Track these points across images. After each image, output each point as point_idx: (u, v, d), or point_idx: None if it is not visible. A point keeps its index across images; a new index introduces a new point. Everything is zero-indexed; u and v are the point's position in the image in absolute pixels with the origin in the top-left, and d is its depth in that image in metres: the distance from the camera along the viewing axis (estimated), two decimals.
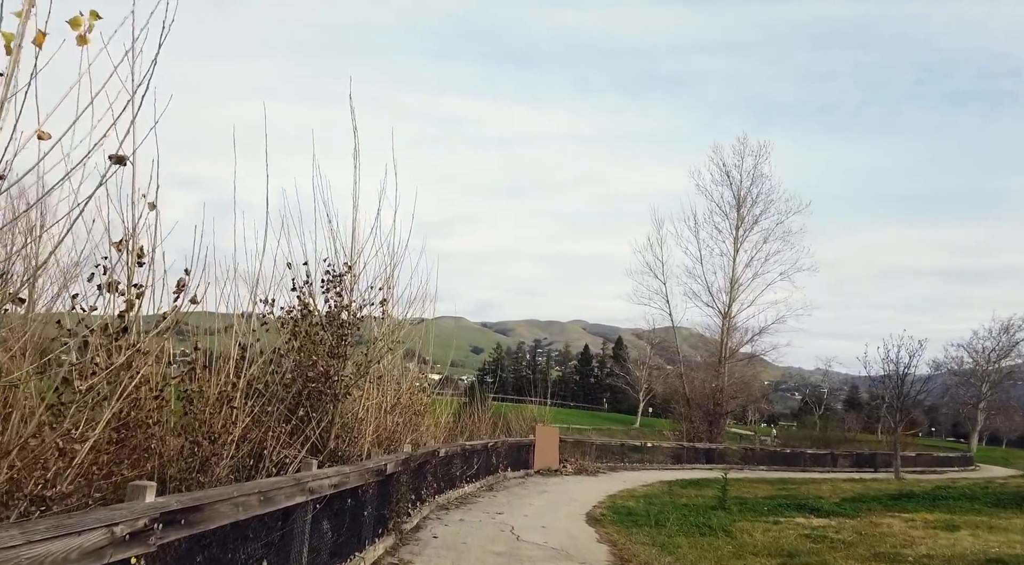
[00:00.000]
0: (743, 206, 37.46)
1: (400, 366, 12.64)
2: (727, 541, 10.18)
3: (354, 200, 7.04)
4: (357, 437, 7.62)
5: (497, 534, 10.12)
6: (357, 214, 7.09)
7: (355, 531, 7.23)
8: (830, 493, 19.47)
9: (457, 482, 14.12)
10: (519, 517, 12.00)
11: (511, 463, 19.23)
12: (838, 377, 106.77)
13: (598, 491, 17.34)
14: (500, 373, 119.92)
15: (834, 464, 37.01)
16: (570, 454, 24.27)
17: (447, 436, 15.68)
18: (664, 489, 19.40)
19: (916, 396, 30.52)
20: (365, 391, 7.93)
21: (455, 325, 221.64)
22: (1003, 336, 69.23)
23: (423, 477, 11.21)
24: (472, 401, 22.20)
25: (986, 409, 72.52)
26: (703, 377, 37.36)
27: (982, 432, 77.81)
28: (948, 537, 10.50)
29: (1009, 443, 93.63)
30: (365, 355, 7.38)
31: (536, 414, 25.49)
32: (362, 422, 8.05)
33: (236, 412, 5.53)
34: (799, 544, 9.98)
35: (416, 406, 13.15)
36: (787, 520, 12.93)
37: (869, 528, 11.61)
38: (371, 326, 7.99)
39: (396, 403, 11.37)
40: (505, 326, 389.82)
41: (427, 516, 11.04)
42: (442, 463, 12.84)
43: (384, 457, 8.05)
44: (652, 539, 10.14)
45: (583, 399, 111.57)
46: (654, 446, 30.16)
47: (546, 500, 14.91)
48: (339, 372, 6.83)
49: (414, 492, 10.49)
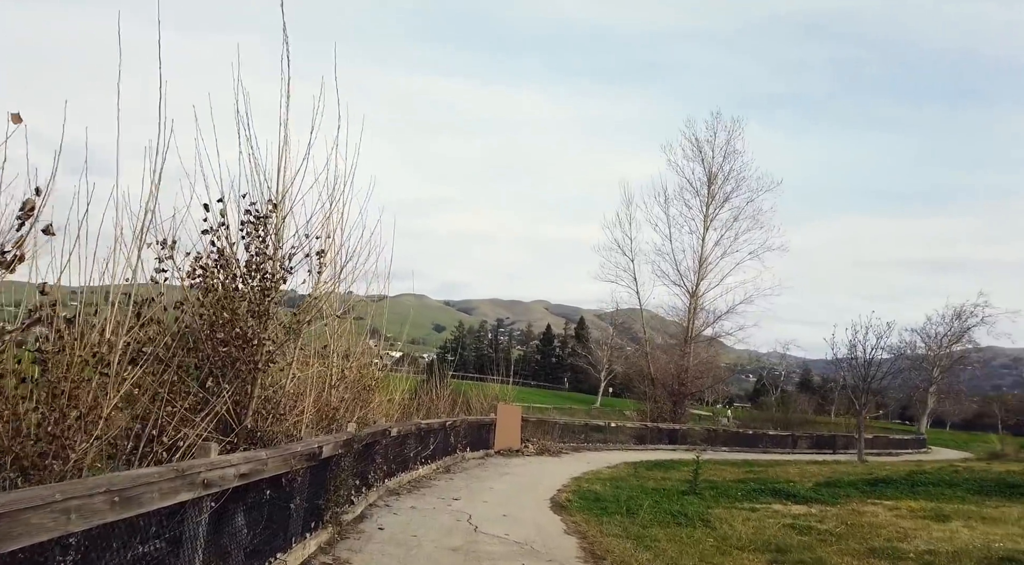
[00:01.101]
0: (714, 183, 36.70)
1: (349, 337, 11.37)
2: (707, 533, 9.22)
3: (281, 121, 5.68)
4: (284, 414, 6.33)
5: (453, 525, 8.97)
6: (286, 132, 5.71)
7: (279, 527, 5.98)
8: (799, 476, 18.86)
9: (411, 464, 12.93)
10: (478, 504, 10.88)
11: (471, 443, 18.13)
12: (793, 360, 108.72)
13: (562, 473, 16.35)
14: (462, 351, 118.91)
15: (794, 446, 36.95)
16: (532, 434, 23.31)
17: (401, 414, 14.44)
18: (630, 471, 18.54)
19: (881, 379, 30.36)
20: (296, 360, 6.63)
21: (417, 303, 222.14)
22: (955, 322, 70.58)
23: (370, 459, 9.98)
24: (431, 378, 20.97)
25: (936, 393, 74.21)
26: (668, 357, 36.75)
27: (929, 415, 79.81)
28: (942, 529, 9.74)
29: (953, 426, 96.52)
30: (295, 315, 6.08)
31: (498, 392, 24.39)
32: (292, 396, 6.77)
33: (111, 380, 4.20)
34: (785, 536, 9.07)
35: (366, 381, 11.92)
36: (764, 507, 12.09)
37: (854, 517, 10.81)
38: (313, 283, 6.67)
39: (341, 377, 10.10)
40: (468, 305, 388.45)
41: (374, 503, 9.83)
42: (394, 443, 11.63)
43: (319, 438, 6.79)
44: (625, 530, 9.12)
45: (544, 378, 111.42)
46: (617, 426, 29.43)
47: (508, 484, 13.84)
48: (260, 335, 5.53)
49: (359, 477, 9.26)
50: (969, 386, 78.82)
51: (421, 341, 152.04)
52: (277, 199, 5.83)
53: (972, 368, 74.18)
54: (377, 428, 10.22)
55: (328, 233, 6.48)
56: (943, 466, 21.75)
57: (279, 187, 5.81)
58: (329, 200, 6.29)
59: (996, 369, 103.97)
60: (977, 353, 73.24)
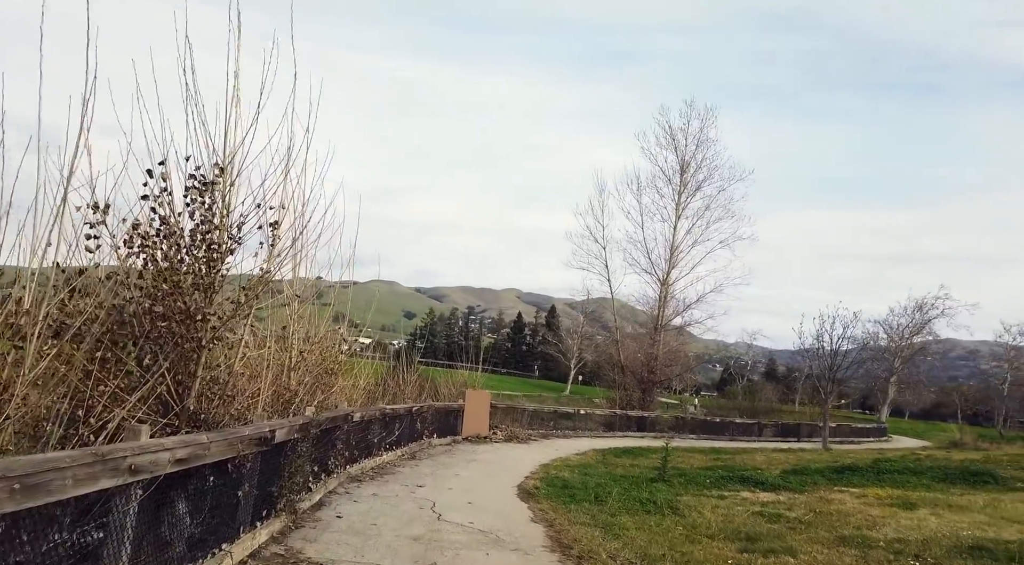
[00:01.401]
0: (687, 171, 36.65)
1: (311, 318, 10.95)
2: (676, 520, 9.03)
3: (230, 74, 5.19)
4: (232, 396, 5.91)
5: (415, 513, 8.63)
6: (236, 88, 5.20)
7: (226, 515, 5.59)
8: (766, 464, 18.93)
9: (375, 450, 12.56)
10: (443, 491, 10.56)
11: (438, 429, 17.79)
12: (758, 350, 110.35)
13: (530, 460, 16.13)
14: (432, 338, 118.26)
15: (760, 434, 37.37)
16: (501, 420, 23.06)
17: (366, 399, 14.06)
18: (599, 458, 18.42)
19: (847, 369, 30.74)
20: (246, 338, 6.19)
21: (388, 289, 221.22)
22: (917, 313, 72.05)
23: (331, 445, 9.59)
24: (399, 364, 20.53)
25: (896, 383, 75.82)
26: (638, 345, 36.78)
27: (888, 405, 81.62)
28: (909, 517, 9.70)
29: (911, 415, 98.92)
30: (244, 290, 5.63)
31: (467, 379, 24.09)
32: (246, 378, 6.36)
33: (28, 355, 3.76)
34: (754, 524, 8.94)
35: (328, 364, 11.50)
36: (732, 494, 11.99)
37: (821, 504, 10.75)
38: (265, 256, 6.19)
39: (301, 359, 9.67)
40: (439, 292, 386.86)
41: (334, 490, 9.45)
42: (357, 429, 11.24)
43: (272, 422, 6.39)
44: (593, 518, 8.89)
45: (515, 366, 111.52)
46: (587, 413, 29.35)
47: (474, 470, 13.55)
48: (205, 310, 5.09)
49: (317, 463, 8.87)
50: (927, 377, 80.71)
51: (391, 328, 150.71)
52: (224, 163, 5.37)
53: (931, 359, 76.02)
54: (338, 413, 9.83)
55: (283, 203, 6.04)
56: (905, 454, 22.07)
57: (226, 149, 5.36)
58: (284, 165, 5.84)
59: (953, 361, 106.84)
60: (937, 344, 75.03)
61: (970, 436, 32.75)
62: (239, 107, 5.32)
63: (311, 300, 10.97)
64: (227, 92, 5.25)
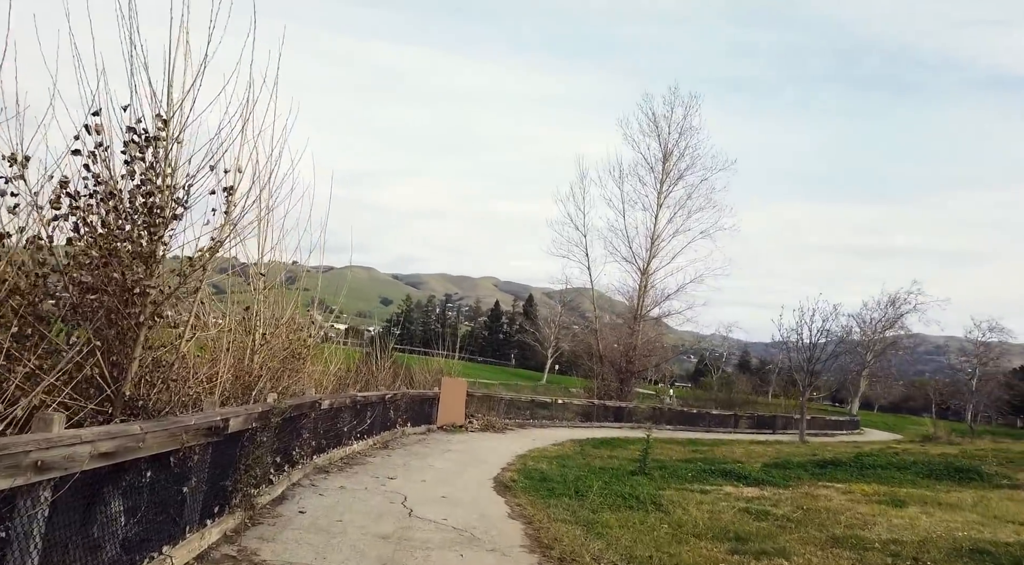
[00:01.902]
0: (669, 160, 36.18)
1: (278, 298, 10.31)
2: (660, 518, 8.59)
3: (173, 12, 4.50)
4: (178, 381, 5.29)
5: (385, 508, 8.07)
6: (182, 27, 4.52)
7: (169, 514, 4.99)
8: (746, 457, 18.69)
9: (345, 439, 11.96)
10: (415, 483, 10.02)
11: (412, 418, 17.22)
12: (733, 342, 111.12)
13: (507, 451, 15.64)
14: (408, 325, 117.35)
15: (736, 425, 37.36)
16: (477, 409, 22.55)
17: (337, 386, 13.43)
18: (577, 449, 17.98)
19: (825, 361, 30.70)
20: (192, 315, 5.54)
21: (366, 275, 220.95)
22: (889, 308, 72.83)
23: (296, 434, 8.98)
24: (373, 350, 19.87)
25: (868, 376, 76.71)
26: (616, 335, 36.44)
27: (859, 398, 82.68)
28: (899, 515, 9.36)
29: (880, 408, 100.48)
30: (188, 259, 4.98)
31: (443, 366, 23.50)
32: (198, 361, 5.73)
33: None
34: (742, 523, 8.52)
35: (296, 348, 10.88)
36: (715, 489, 11.61)
37: (808, 501, 10.40)
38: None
39: (264, 342, 9.04)
40: (417, 279, 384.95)
41: (298, 482, 8.85)
42: (325, 417, 10.64)
43: (225, 410, 5.77)
44: (574, 514, 8.40)
45: (491, 354, 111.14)
46: (564, 403, 28.96)
47: (449, 461, 13.01)
48: (145, 283, 4.46)
49: (280, 453, 8.27)
50: (897, 371, 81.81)
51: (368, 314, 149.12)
52: (168, 114, 4.72)
53: (902, 353, 77.03)
54: (304, 400, 9.21)
55: (239, 166, 5.38)
56: (883, 448, 21.99)
57: (170, 98, 4.69)
58: (240, 120, 5.18)
59: (921, 356, 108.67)
60: (908, 339, 76.00)
61: (943, 430, 33.00)
62: (188, 50, 4.65)
63: (278, 280, 10.33)
64: (171, 31, 4.58)
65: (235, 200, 5.21)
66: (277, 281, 10.34)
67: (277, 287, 10.10)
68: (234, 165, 5.27)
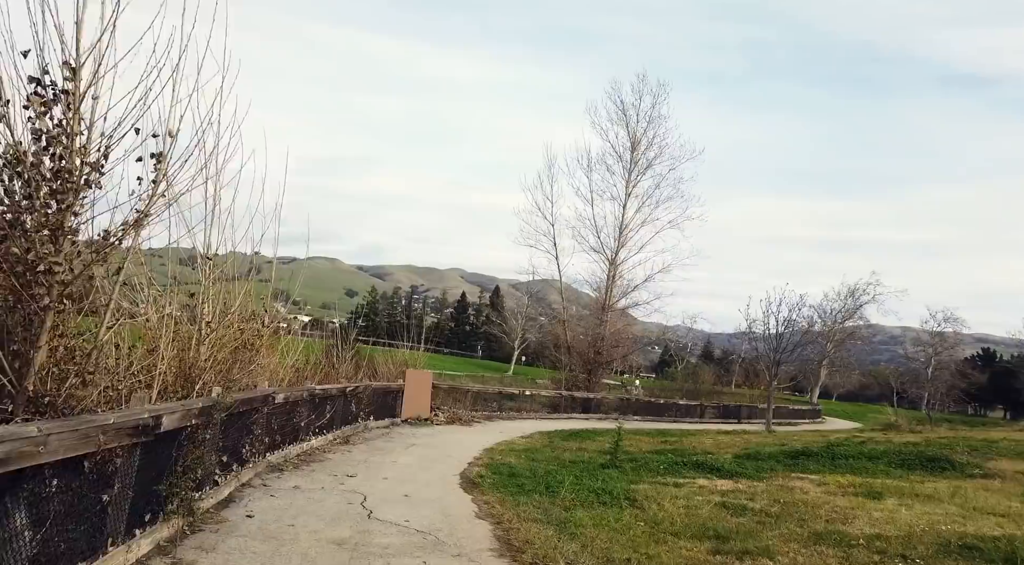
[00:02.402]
0: (637, 149, 35.89)
1: (227, 284, 9.61)
2: (636, 514, 8.18)
3: None
4: (99, 374, 4.64)
5: (342, 509, 7.49)
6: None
7: (87, 527, 4.35)
8: (715, 447, 18.49)
9: (302, 435, 11.30)
10: (377, 481, 9.45)
11: (375, 411, 16.59)
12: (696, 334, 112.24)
13: (474, 444, 15.13)
14: (373, 317, 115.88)
15: (702, 415, 37.46)
16: (443, 401, 21.99)
17: (295, 379, 12.74)
18: (545, 442, 17.56)
19: (791, 351, 30.84)
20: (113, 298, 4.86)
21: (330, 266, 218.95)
22: (849, 299, 74.18)
23: (246, 431, 8.33)
24: (335, 342, 19.11)
25: (828, 366, 78.15)
26: (584, 326, 36.17)
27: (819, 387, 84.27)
28: (878, 508, 9.11)
29: (838, 397, 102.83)
30: (104, 232, 4.31)
31: (408, 358, 22.83)
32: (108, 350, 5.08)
33: None
34: (720, 519, 8.16)
35: (248, 339, 10.20)
36: (688, 482, 11.27)
37: (783, 493, 10.11)
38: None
39: (210, 332, 8.35)
40: (382, 270, 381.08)
41: (248, 483, 8.20)
42: (280, 411, 9.97)
43: (156, 406, 5.13)
44: (546, 513, 7.93)
45: (458, 346, 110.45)
46: (532, 395, 28.56)
47: (414, 456, 12.45)
48: (51, 259, 3.81)
49: (228, 452, 7.61)
50: (856, 361, 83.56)
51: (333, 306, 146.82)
52: (77, 62, 4.04)
53: (860, 343, 78.67)
54: (255, 394, 8.57)
55: (170, 129, 4.71)
56: (849, 437, 22.07)
57: (78, 44, 4.00)
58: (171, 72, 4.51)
59: (876, 345, 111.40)
60: (867, 329, 77.63)
61: (904, 419, 33.51)
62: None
63: (230, 264, 9.63)
64: None
65: (164, 169, 4.54)
66: (228, 265, 9.65)
67: (228, 270, 9.41)
68: (164, 128, 4.61)
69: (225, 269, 9.96)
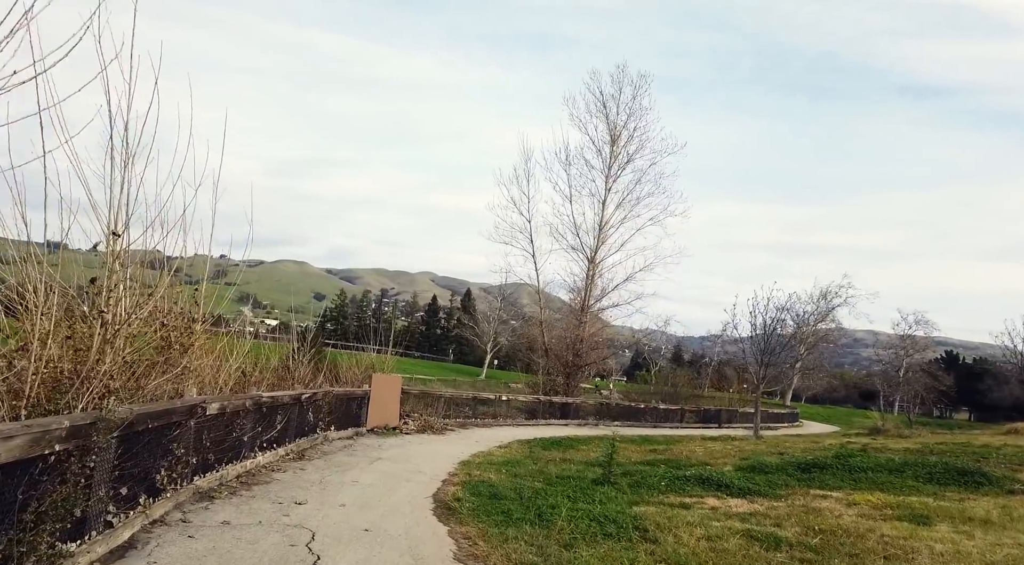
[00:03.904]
0: (618, 142, 34.47)
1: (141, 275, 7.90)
2: (650, 551, 6.63)
3: None
4: None
5: (281, 554, 5.78)
6: None
7: None
8: (708, 457, 17.08)
9: (245, 451, 9.53)
10: (331, 509, 7.75)
11: (337, 420, 14.83)
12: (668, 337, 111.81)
13: (448, 457, 13.48)
14: (343, 321, 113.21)
15: (682, 420, 36.20)
16: (413, 408, 20.28)
17: (238, 384, 10.95)
18: (525, 452, 15.97)
19: (780, 353, 29.69)
20: None
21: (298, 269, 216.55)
22: (821, 301, 74.01)
23: (162, 451, 6.56)
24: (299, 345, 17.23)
25: (801, 369, 77.96)
26: (563, 327, 34.65)
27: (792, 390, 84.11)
28: (934, 537, 7.67)
29: (807, 400, 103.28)
30: None
31: (375, 362, 21.05)
32: None
33: None
34: (751, 555, 6.66)
35: (176, 335, 8.48)
36: (696, 501, 9.78)
37: (813, 517, 8.65)
38: None
39: (116, 330, 6.60)
40: (352, 274, 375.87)
41: (162, 518, 6.43)
42: (214, 425, 8.21)
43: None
44: (541, 552, 6.34)
45: (429, 349, 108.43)
46: (508, 400, 26.93)
47: (378, 474, 10.76)
48: None
49: (133, 480, 5.85)
50: (828, 363, 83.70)
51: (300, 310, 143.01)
52: None
53: (832, 346, 78.69)
54: (175, 405, 6.81)
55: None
56: (844, 443, 20.86)
57: None
58: None
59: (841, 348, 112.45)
60: (839, 332, 77.67)
61: (891, 423, 32.64)
62: None
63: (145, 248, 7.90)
64: None
65: None
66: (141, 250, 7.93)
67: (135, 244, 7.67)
68: None
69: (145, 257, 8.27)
